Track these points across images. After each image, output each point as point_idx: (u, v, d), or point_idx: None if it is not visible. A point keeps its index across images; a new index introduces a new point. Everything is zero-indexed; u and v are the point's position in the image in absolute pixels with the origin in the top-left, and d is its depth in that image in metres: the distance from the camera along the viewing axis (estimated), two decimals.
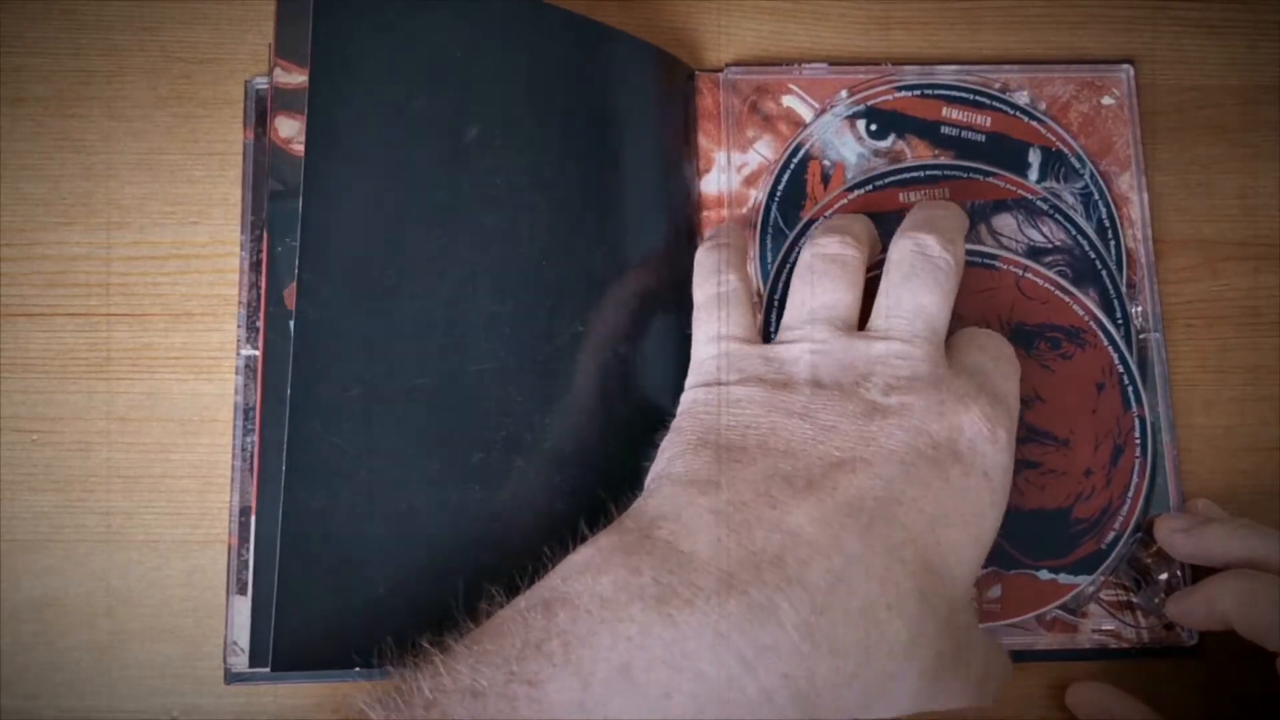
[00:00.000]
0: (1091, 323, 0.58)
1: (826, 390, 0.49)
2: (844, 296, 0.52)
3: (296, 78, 0.53)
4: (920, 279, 0.51)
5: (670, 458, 0.49)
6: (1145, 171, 0.61)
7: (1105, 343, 0.58)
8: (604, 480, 0.52)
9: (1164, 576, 0.56)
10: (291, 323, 0.50)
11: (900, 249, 0.52)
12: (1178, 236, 0.61)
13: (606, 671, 0.40)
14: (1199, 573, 0.55)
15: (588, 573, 0.44)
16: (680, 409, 0.52)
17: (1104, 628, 0.56)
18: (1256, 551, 0.51)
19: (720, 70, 0.62)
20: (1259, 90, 0.63)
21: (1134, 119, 0.62)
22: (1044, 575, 0.56)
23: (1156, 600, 0.56)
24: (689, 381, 0.53)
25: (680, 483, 0.47)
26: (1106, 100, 0.62)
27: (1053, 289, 0.58)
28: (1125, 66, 0.62)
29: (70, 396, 0.57)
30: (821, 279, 0.53)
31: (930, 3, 0.64)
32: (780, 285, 0.59)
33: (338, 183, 0.51)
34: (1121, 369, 0.58)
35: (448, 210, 0.52)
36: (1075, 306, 0.58)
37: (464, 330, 0.52)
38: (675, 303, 0.57)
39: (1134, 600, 0.56)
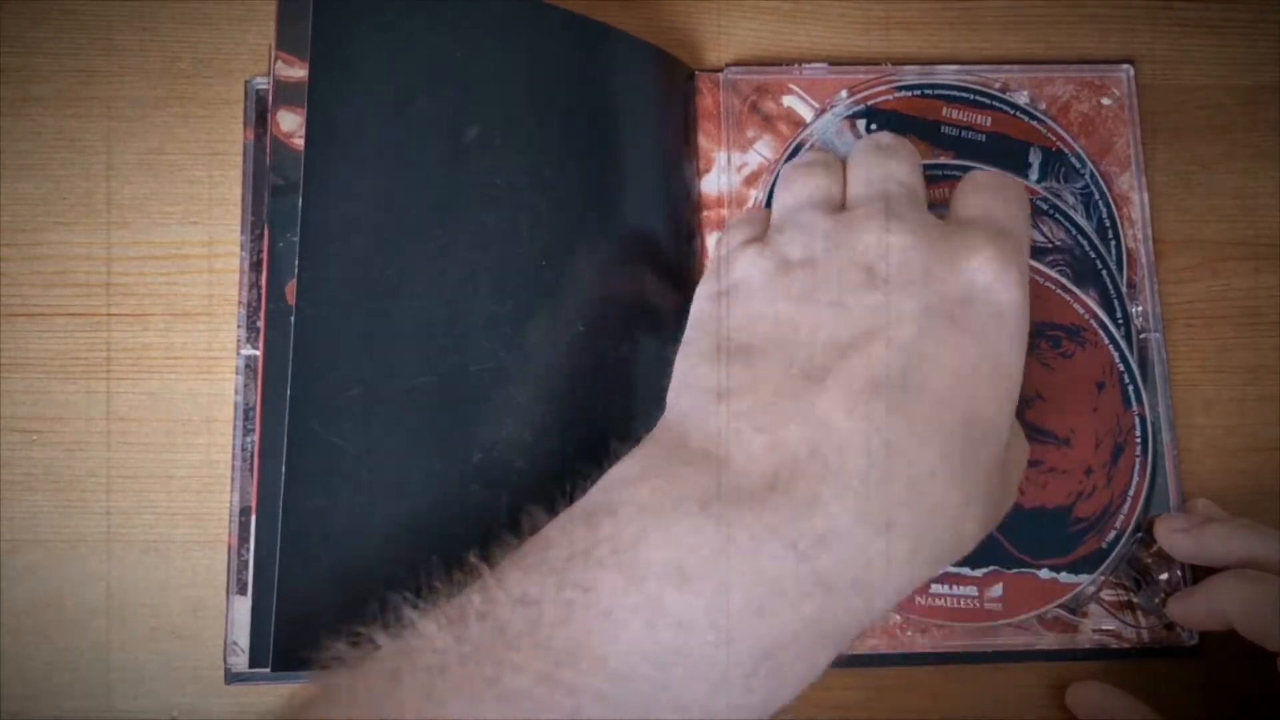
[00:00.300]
0: (1092, 321, 0.58)
1: (823, 266, 0.47)
2: (823, 182, 0.52)
3: (298, 71, 0.53)
4: (884, 156, 0.51)
5: (685, 370, 0.48)
6: (1145, 171, 0.61)
7: (1106, 341, 0.58)
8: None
9: (1164, 576, 0.56)
10: (292, 320, 0.50)
11: (855, 146, 0.53)
12: (1178, 236, 0.61)
13: (660, 571, 0.40)
14: (1199, 573, 0.55)
15: (627, 484, 0.43)
16: (689, 323, 0.51)
17: (1104, 627, 0.56)
18: (1257, 551, 0.51)
19: (720, 70, 0.62)
20: (1259, 90, 0.63)
21: (1134, 119, 0.62)
22: (1044, 574, 0.56)
23: (1157, 600, 0.56)
24: (696, 294, 0.52)
25: (700, 392, 0.46)
26: (1106, 100, 0.62)
27: (1053, 288, 0.58)
28: (1125, 66, 0.62)
29: (70, 396, 0.57)
30: (798, 176, 0.52)
31: (930, 3, 0.64)
32: None
33: (337, 182, 0.51)
34: (1122, 368, 0.58)
35: (448, 209, 0.52)
36: (1076, 305, 0.58)
37: (464, 330, 0.52)
38: (676, 302, 0.57)
39: (1134, 600, 0.56)
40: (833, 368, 0.44)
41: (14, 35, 0.60)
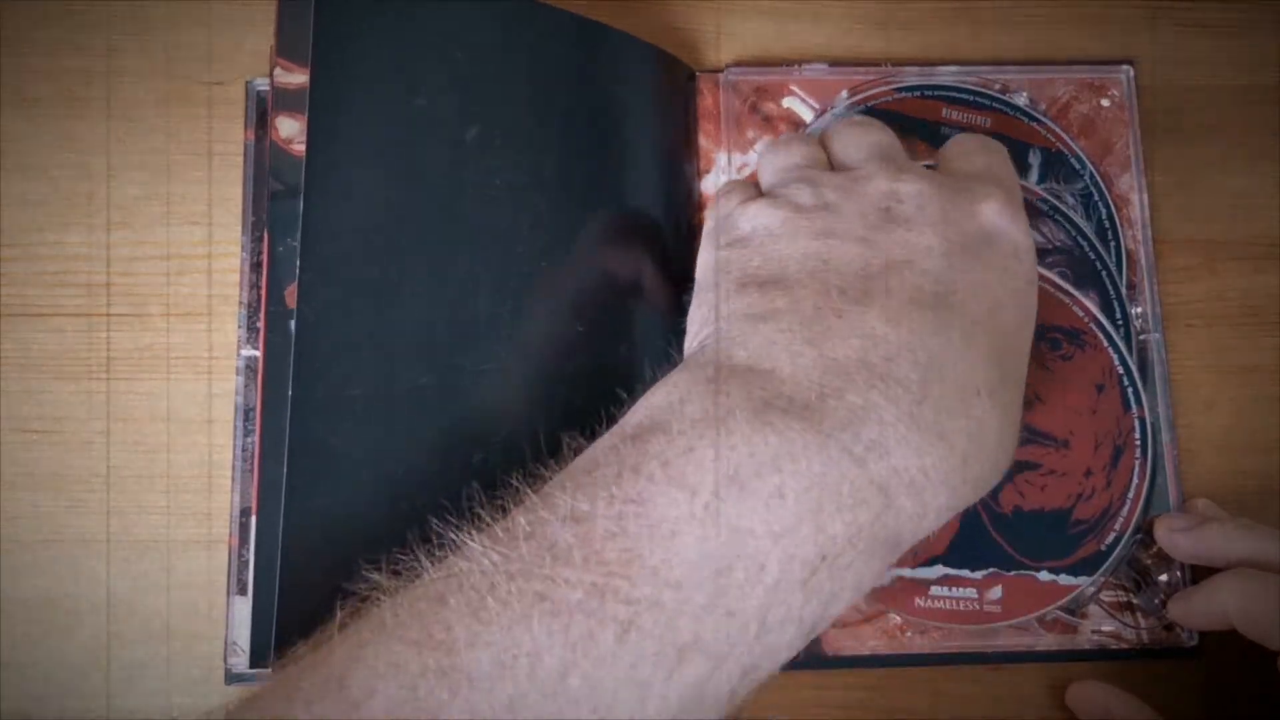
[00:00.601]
0: (1091, 324, 0.58)
1: (839, 209, 0.48)
2: (810, 150, 0.53)
3: (297, 77, 0.53)
4: (862, 126, 0.53)
5: (710, 307, 0.48)
6: (1145, 172, 0.61)
7: (1105, 344, 0.58)
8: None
9: (1164, 577, 0.56)
10: (292, 323, 0.50)
11: (830, 126, 0.55)
12: (1178, 236, 0.61)
13: (713, 481, 0.39)
14: (1199, 574, 0.55)
15: (670, 404, 0.43)
16: (700, 276, 0.51)
17: (1104, 628, 0.56)
18: (1257, 550, 0.51)
19: (720, 71, 0.62)
20: (1259, 90, 0.63)
21: (1134, 120, 0.62)
22: (1044, 576, 0.56)
23: (1156, 601, 0.56)
24: (701, 252, 0.52)
25: (735, 319, 0.46)
26: (1106, 101, 0.62)
27: (1052, 289, 0.58)
28: (1125, 67, 0.62)
29: (70, 396, 0.57)
30: (784, 145, 0.53)
31: (930, 3, 0.64)
32: None
33: (339, 183, 0.51)
34: (1121, 370, 0.58)
35: (449, 210, 0.52)
36: (1075, 308, 0.58)
37: (465, 330, 0.52)
38: (677, 302, 0.57)
39: (1134, 601, 0.56)
40: (871, 289, 0.45)
41: (14, 35, 0.60)
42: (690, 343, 0.49)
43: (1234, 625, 0.51)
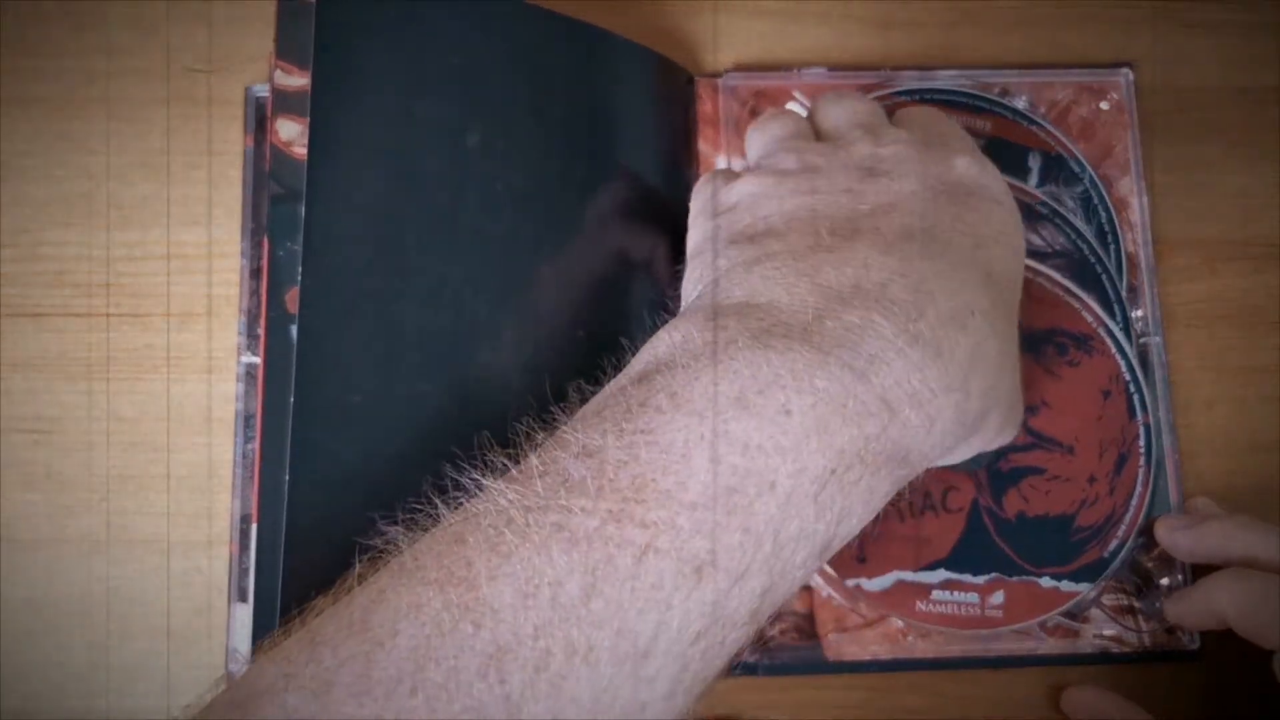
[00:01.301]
0: (1100, 329, 0.58)
1: (823, 169, 0.50)
2: (797, 121, 0.55)
3: (297, 80, 0.53)
4: (844, 98, 0.55)
5: (704, 265, 0.49)
6: (1145, 176, 0.61)
7: (1113, 350, 0.58)
8: None
9: (1165, 581, 0.56)
10: (293, 328, 0.50)
11: (815, 103, 0.57)
12: (1178, 237, 0.61)
13: (720, 404, 0.40)
14: (1200, 576, 0.55)
15: (673, 343, 0.43)
16: (690, 246, 0.53)
17: (1105, 632, 0.56)
18: (1256, 548, 0.51)
19: (720, 75, 0.62)
20: (1259, 90, 0.63)
21: (1133, 123, 0.62)
22: (1046, 582, 0.56)
23: (1158, 605, 0.56)
24: (690, 228, 0.54)
25: (727, 271, 0.47)
26: (1105, 104, 0.62)
27: (1061, 293, 0.58)
28: (1124, 70, 0.62)
29: (70, 396, 0.57)
30: (770, 120, 0.56)
31: (930, 5, 0.64)
32: None
33: (340, 189, 0.51)
34: (1128, 377, 0.58)
35: (450, 216, 0.52)
36: (1084, 313, 0.58)
37: (466, 337, 0.52)
38: (678, 306, 0.57)
39: (1135, 605, 0.56)
40: (860, 227, 0.46)
41: (14, 35, 0.60)
42: (688, 288, 0.50)
43: (1230, 625, 0.51)
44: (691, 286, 0.50)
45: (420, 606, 0.36)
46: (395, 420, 0.50)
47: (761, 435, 0.39)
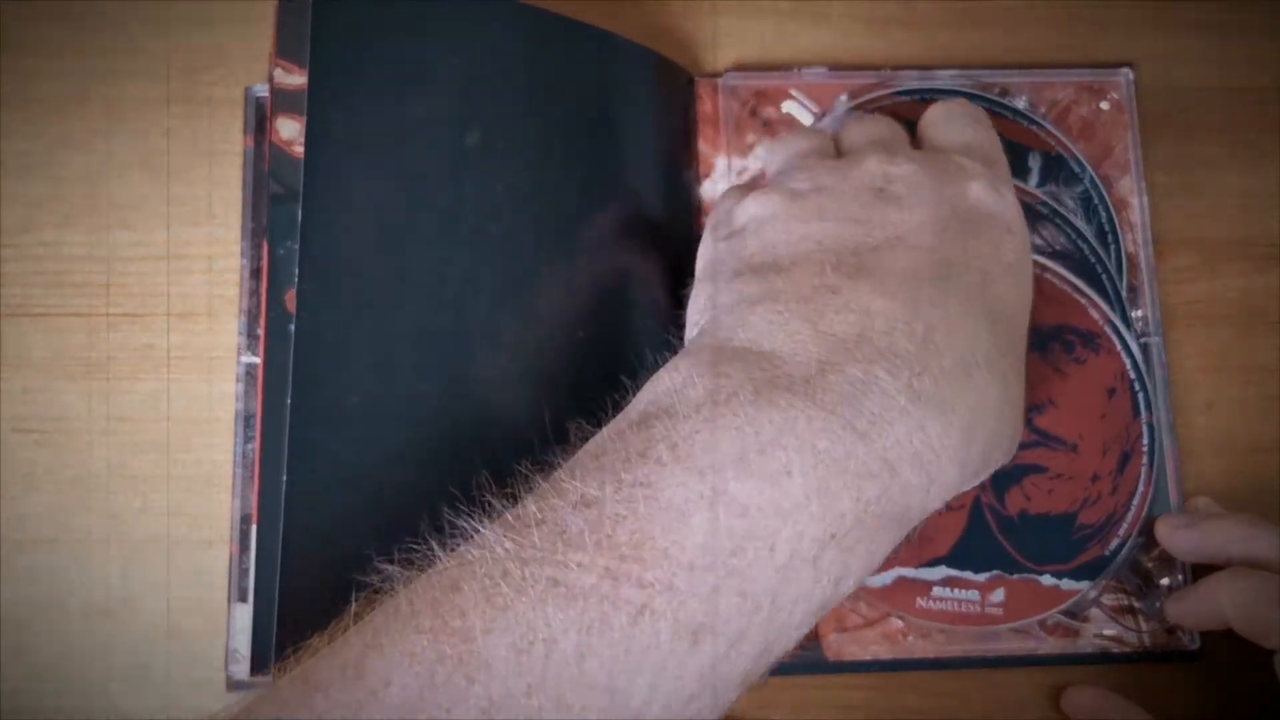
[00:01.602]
0: (1106, 327, 0.58)
1: (832, 191, 0.49)
2: (814, 140, 0.55)
3: (297, 78, 0.53)
4: (867, 118, 0.55)
5: (708, 297, 0.49)
6: (1145, 176, 0.61)
7: (1119, 348, 0.58)
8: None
9: (1165, 581, 0.56)
10: (292, 326, 0.50)
11: (838, 114, 0.58)
12: (1178, 237, 0.61)
13: (721, 462, 0.39)
14: (1200, 576, 0.55)
15: (673, 388, 0.43)
16: (698, 269, 0.52)
17: (1106, 632, 0.56)
18: (1256, 547, 0.51)
19: (719, 75, 0.62)
20: (1259, 90, 0.63)
21: (1133, 123, 0.62)
22: (1047, 580, 0.56)
23: (1158, 605, 0.56)
24: (700, 246, 0.53)
25: (730, 308, 0.46)
26: (1106, 104, 0.62)
27: (1070, 290, 0.58)
28: (1124, 70, 0.62)
29: (70, 396, 0.57)
30: (789, 137, 0.56)
31: (930, 5, 0.64)
32: None
33: (337, 190, 0.51)
34: (1133, 375, 0.58)
35: (449, 216, 0.52)
36: (1091, 310, 0.58)
37: (465, 337, 0.52)
38: (678, 308, 0.57)
39: (1136, 605, 0.56)
40: (865, 265, 0.45)
41: (14, 35, 0.60)
42: (689, 333, 0.50)
43: (1230, 624, 0.51)
44: (696, 315, 0.50)
45: (414, 656, 0.36)
46: (393, 422, 0.50)
47: (762, 497, 0.39)
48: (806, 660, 0.56)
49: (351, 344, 0.50)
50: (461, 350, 0.51)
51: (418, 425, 0.50)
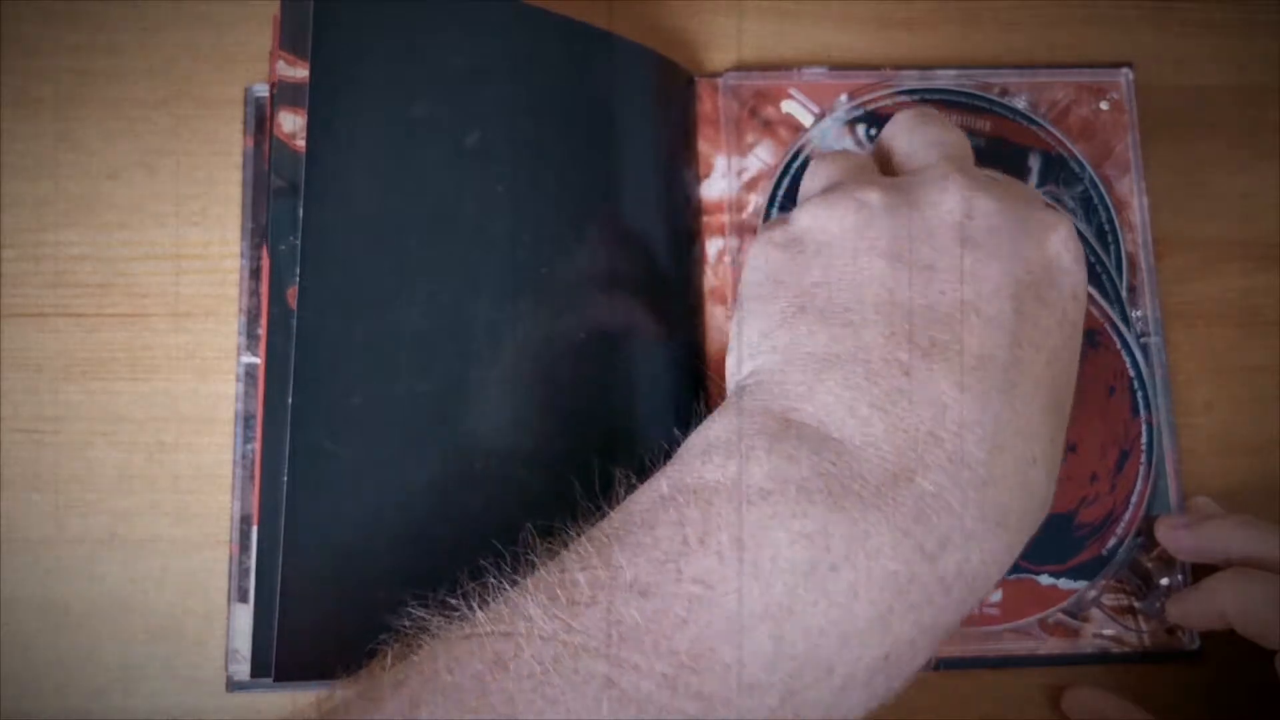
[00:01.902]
0: (1106, 325, 0.58)
1: (908, 221, 0.44)
2: (864, 159, 0.50)
3: (300, 71, 0.53)
4: (927, 118, 0.50)
5: (762, 333, 0.44)
6: (1145, 176, 0.61)
7: (1119, 346, 0.58)
8: (609, 487, 0.51)
9: (1165, 581, 0.56)
10: (294, 322, 0.50)
11: (891, 120, 0.52)
12: (1178, 237, 0.61)
13: (788, 572, 0.37)
14: (1200, 577, 0.55)
15: (731, 454, 0.40)
16: (748, 274, 0.47)
17: (1105, 632, 0.56)
18: (1256, 547, 0.51)
19: (720, 75, 0.62)
20: (1259, 90, 0.63)
21: (1133, 123, 0.62)
22: (1044, 580, 0.56)
23: (1158, 605, 0.56)
24: (757, 240, 0.48)
25: (796, 358, 0.43)
26: (1105, 104, 0.62)
27: None
28: (1124, 70, 0.62)
29: (70, 396, 0.57)
30: (837, 154, 0.51)
31: (930, 5, 0.64)
32: None
33: (338, 189, 0.51)
34: (1133, 374, 0.58)
35: (450, 216, 0.52)
36: (1091, 308, 0.58)
37: (466, 337, 0.52)
38: (677, 307, 0.56)
39: (1135, 605, 0.56)
40: (939, 342, 0.42)
41: (14, 35, 0.60)
42: (738, 363, 0.46)
43: (1232, 625, 0.51)
44: (749, 349, 0.45)
45: None
46: (394, 422, 0.50)
47: (827, 619, 0.37)
48: None
49: (352, 344, 0.50)
50: (462, 350, 0.51)
51: (418, 425, 0.50)
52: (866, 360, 0.42)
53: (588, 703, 0.35)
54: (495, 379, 0.51)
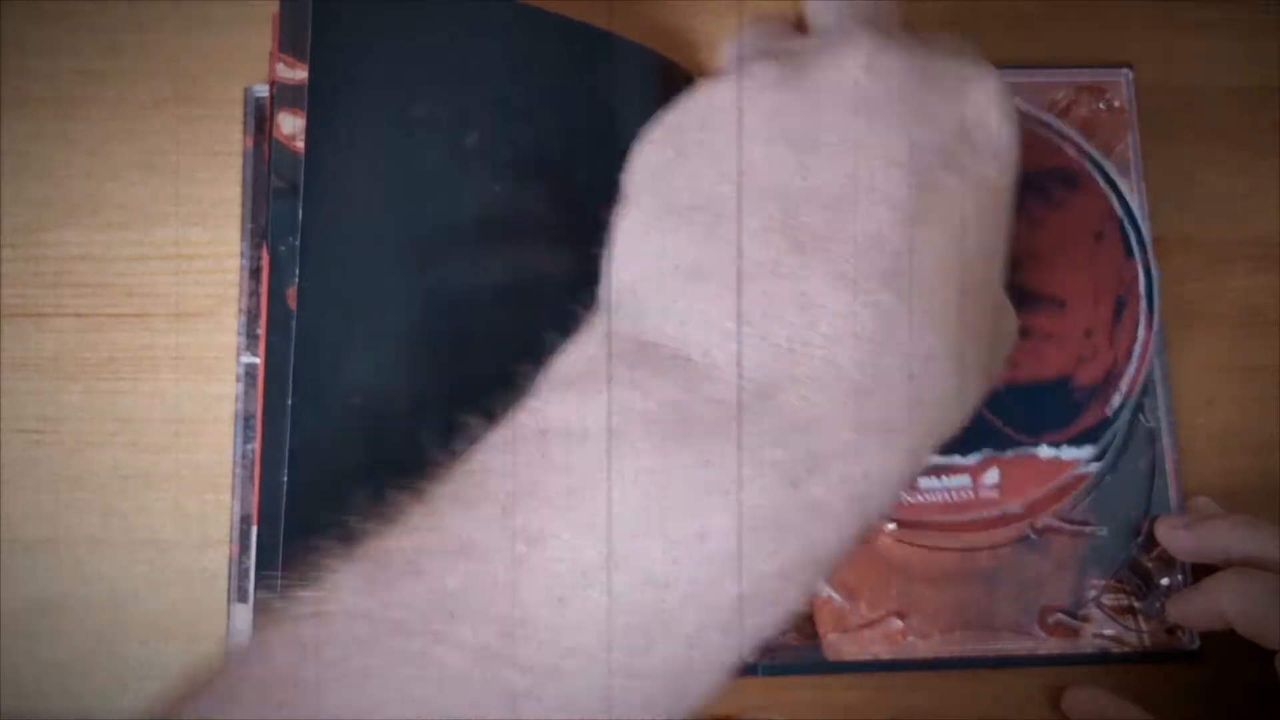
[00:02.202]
0: (1085, 163, 0.56)
1: (799, 90, 0.39)
2: (777, 29, 0.47)
3: (299, 73, 0.53)
4: None
5: (630, 239, 0.39)
6: (1145, 176, 0.61)
7: (1101, 184, 0.56)
8: None
9: (1165, 580, 0.56)
10: (293, 323, 0.50)
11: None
12: (1178, 237, 0.61)
13: (624, 519, 0.33)
14: (1200, 576, 0.55)
15: (581, 396, 0.36)
16: (629, 170, 0.41)
17: (1105, 632, 0.56)
18: (1257, 547, 0.51)
19: None
20: (1259, 90, 0.63)
21: (1133, 123, 0.62)
22: (1044, 452, 0.53)
23: (1158, 604, 0.56)
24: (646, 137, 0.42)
25: (658, 271, 0.38)
26: (1105, 105, 0.62)
27: (1036, 126, 0.56)
28: (1124, 70, 0.62)
29: (70, 396, 0.57)
30: (745, 33, 0.47)
31: (930, 5, 0.64)
32: None
33: (337, 191, 0.51)
34: (1121, 213, 0.56)
35: (448, 216, 0.53)
36: (1066, 147, 0.56)
37: (467, 337, 0.52)
38: None
39: (1135, 604, 0.56)
40: (820, 233, 0.36)
41: (14, 35, 0.60)
42: (616, 259, 0.40)
43: (1232, 625, 0.51)
44: (618, 250, 0.40)
45: None
46: (395, 423, 0.50)
47: (672, 569, 0.33)
48: (806, 660, 0.55)
49: (352, 345, 0.50)
50: (463, 350, 0.52)
51: (420, 426, 0.50)
52: (735, 264, 0.36)
53: (396, 687, 0.32)
54: (497, 379, 0.51)
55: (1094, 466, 0.56)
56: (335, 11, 0.52)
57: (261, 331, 0.52)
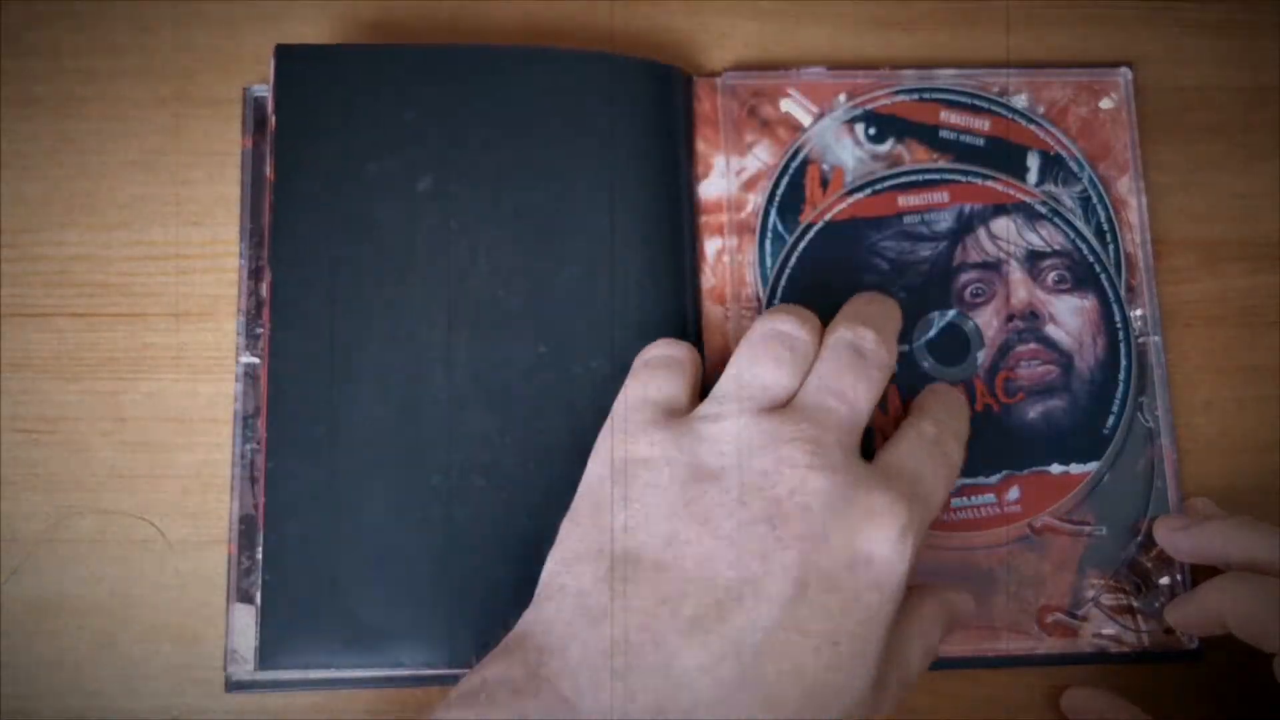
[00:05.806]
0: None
1: (732, 485, 0.46)
2: (782, 379, 0.50)
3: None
4: (852, 369, 0.50)
5: (566, 560, 0.47)
6: (1144, 176, 0.61)
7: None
8: (570, 490, 0.50)
9: (1164, 580, 0.56)
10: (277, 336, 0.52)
11: (836, 337, 0.51)
12: (1177, 237, 0.61)
13: None
14: (1199, 576, 0.55)
15: (476, 709, 0.43)
16: (584, 484, 0.49)
17: (1104, 632, 0.56)
18: (1255, 549, 0.51)
19: (718, 75, 0.62)
20: (1259, 90, 0.63)
21: (1132, 122, 0.62)
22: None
23: (1157, 604, 0.56)
24: (596, 447, 0.50)
25: (571, 605, 0.45)
26: (1105, 104, 0.62)
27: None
28: (1123, 70, 0.62)
29: (70, 396, 0.57)
30: (765, 354, 0.50)
31: (930, 5, 0.64)
32: (778, 290, 0.59)
33: (303, 249, 0.54)
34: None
35: (404, 260, 0.55)
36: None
37: (421, 365, 0.54)
38: (676, 307, 0.56)
39: (1134, 604, 0.56)
40: (703, 617, 0.43)
41: (14, 35, 0.60)
42: (549, 569, 0.48)
43: (1230, 629, 0.51)
44: (559, 562, 0.47)
45: None
46: (354, 446, 0.53)
47: None
48: None
49: (318, 384, 0.53)
50: (416, 378, 0.54)
51: (377, 448, 0.53)
52: (629, 625, 0.43)
53: None
54: (448, 401, 0.54)
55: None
56: (294, 91, 0.56)
57: (262, 331, 0.53)
